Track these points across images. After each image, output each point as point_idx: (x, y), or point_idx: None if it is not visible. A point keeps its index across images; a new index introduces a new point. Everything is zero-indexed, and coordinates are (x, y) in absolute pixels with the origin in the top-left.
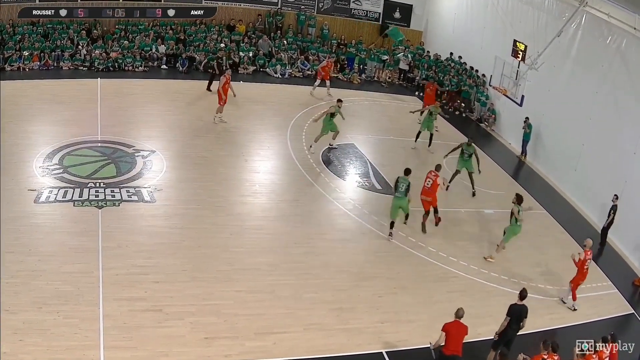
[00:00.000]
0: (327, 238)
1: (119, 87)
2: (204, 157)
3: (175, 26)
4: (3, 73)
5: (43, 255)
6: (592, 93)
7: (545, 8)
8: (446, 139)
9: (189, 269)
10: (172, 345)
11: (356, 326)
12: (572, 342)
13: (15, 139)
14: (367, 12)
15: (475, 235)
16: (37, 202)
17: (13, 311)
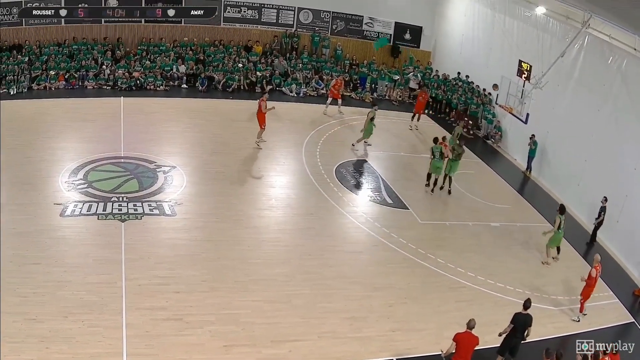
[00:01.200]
0: (340, 250)
1: (141, 105)
2: (222, 172)
3: (195, 47)
4: (30, 92)
5: (68, 267)
6: (594, 111)
7: (549, 30)
8: None
9: (209, 280)
10: (192, 353)
11: (368, 334)
12: (574, 350)
13: (42, 155)
14: (379, 34)
15: (482, 248)
16: (62, 216)
17: (40, 320)
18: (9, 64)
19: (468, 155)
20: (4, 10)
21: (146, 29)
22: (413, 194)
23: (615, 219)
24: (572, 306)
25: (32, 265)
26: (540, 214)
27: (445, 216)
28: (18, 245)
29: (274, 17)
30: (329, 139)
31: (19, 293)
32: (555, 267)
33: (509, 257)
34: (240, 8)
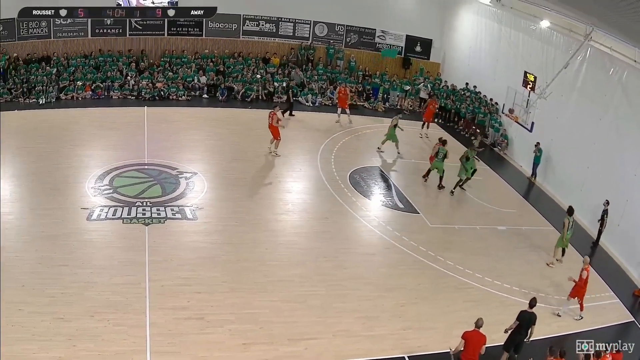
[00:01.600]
0: (354, 252)
1: (164, 114)
2: (242, 178)
3: (216, 59)
4: (59, 101)
5: (95, 268)
6: (596, 120)
7: (553, 42)
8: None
9: (228, 281)
10: (212, 351)
11: (380, 333)
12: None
13: (69, 162)
14: (391, 46)
15: (489, 250)
16: (89, 220)
17: (67, 319)
18: (38, 75)
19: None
20: (34, 24)
21: (169, 41)
22: (423, 199)
23: (616, 222)
24: (568, 306)
25: (61, 267)
26: (545, 218)
27: (454, 220)
28: (47, 247)
29: (290, 30)
30: (343, 147)
31: (48, 293)
32: (559, 269)
33: (515, 260)
34: (258, 22)
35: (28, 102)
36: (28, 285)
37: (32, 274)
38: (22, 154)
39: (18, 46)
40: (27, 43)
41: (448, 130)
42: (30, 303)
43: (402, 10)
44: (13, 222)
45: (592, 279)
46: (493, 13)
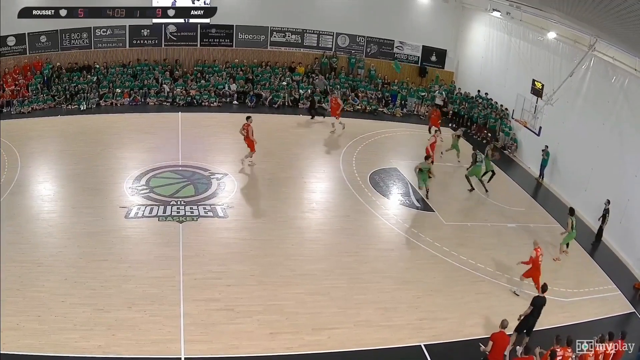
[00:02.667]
0: (373, 248)
1: (197, 120)
2: (269, 179)
3: (245, 67)
4: (99, 107)
5: (132, 263)
6: (599, 125)
7: (559, 52)
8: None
9: (257, 274)
10: (242, 339)
11: (398, 323)
12: (583, 337)
13: (108, 164)
14: (408, 56)
15: (500, 246)
16: (127, 218)
17: (107, 310)
18: (79, 83)
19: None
20: (76, 35)
21: (201, 51)
22: (438, 198)
23: (618, 220)
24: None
25: (100, 262)
26: (552, 216)
27: (467, 218)
28: (88, 243)
29: (315, 41)
30: (364, 150)
31: (89, 286)
32: (565, 263)
33: (524, 255)
34: (285, 33)
35: (70, 108)
36: (70, 278)
37: (74, 268)
38: (65, 157)
39: (61, 56)
40: (69, 53)
41: (462, 135)
42: (73, 295)
43: (419, 23)
44: (56, 220)
45: (595, 272)
46: (503, 25)
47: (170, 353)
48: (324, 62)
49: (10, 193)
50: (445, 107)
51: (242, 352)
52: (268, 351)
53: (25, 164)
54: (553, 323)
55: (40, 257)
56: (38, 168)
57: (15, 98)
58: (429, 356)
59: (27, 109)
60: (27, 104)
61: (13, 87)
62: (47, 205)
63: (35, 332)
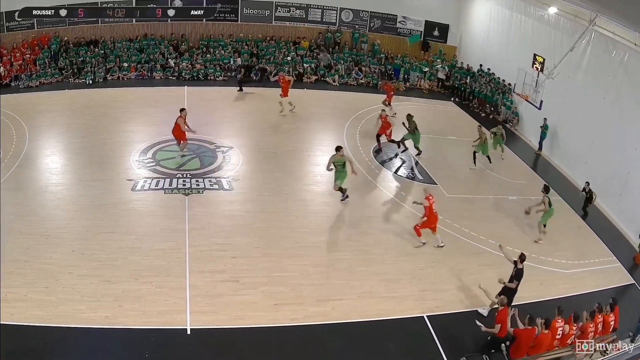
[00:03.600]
0: (377, 220)
1: (202, 93)
2: (274, 152)
3: (250, 42)
4: (105, 81)
5: (139, 235)
6: (600, 99)
7: (560, 27)
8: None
9: (261, 246)
10: (247, 310)
11: (401, 294)
12: (583, 307)
13: (115, 137)
14: (411, 31)
15: (501, 218)
16: (134, 190)
17: (114, 282)
18: (86, 57)
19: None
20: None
21: (206, 26)
22: (441, 172)
23: (618, 193)
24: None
25: (107, 234)
26: (553, 189)
27: (469, 190)
28: (95, 216)
29: (319, 16)
30: (367, 123)
31: (96, 258)
32: (565, 235)
33: (525, 227)
34: (289, 8)
35: (77, 82)
36: (77, 250)
37: (82, 240)
38: (72, 130)
39: (68, 30)
40: (76, 28)
41: (463, 108)
42: (80, 267)
43: None
44: (64, 193)
45: (595, 244)
46: (505, 0)
47: (176, 324)
48: (327, 36)
49: (18, 166)
50: (448, 81)
51: (247, 322)
52: (273, 322)
53: (33, 137)
54: (554, 294)
55: (48, 229)
56: (46, 141)
57: (23, 72)
58: (431, 327)
59: (35, 83)
60: (35, 78)
61: (21, 62)
62: (54, 178)
63: (43, 303)
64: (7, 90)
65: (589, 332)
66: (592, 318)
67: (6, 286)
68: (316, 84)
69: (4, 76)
